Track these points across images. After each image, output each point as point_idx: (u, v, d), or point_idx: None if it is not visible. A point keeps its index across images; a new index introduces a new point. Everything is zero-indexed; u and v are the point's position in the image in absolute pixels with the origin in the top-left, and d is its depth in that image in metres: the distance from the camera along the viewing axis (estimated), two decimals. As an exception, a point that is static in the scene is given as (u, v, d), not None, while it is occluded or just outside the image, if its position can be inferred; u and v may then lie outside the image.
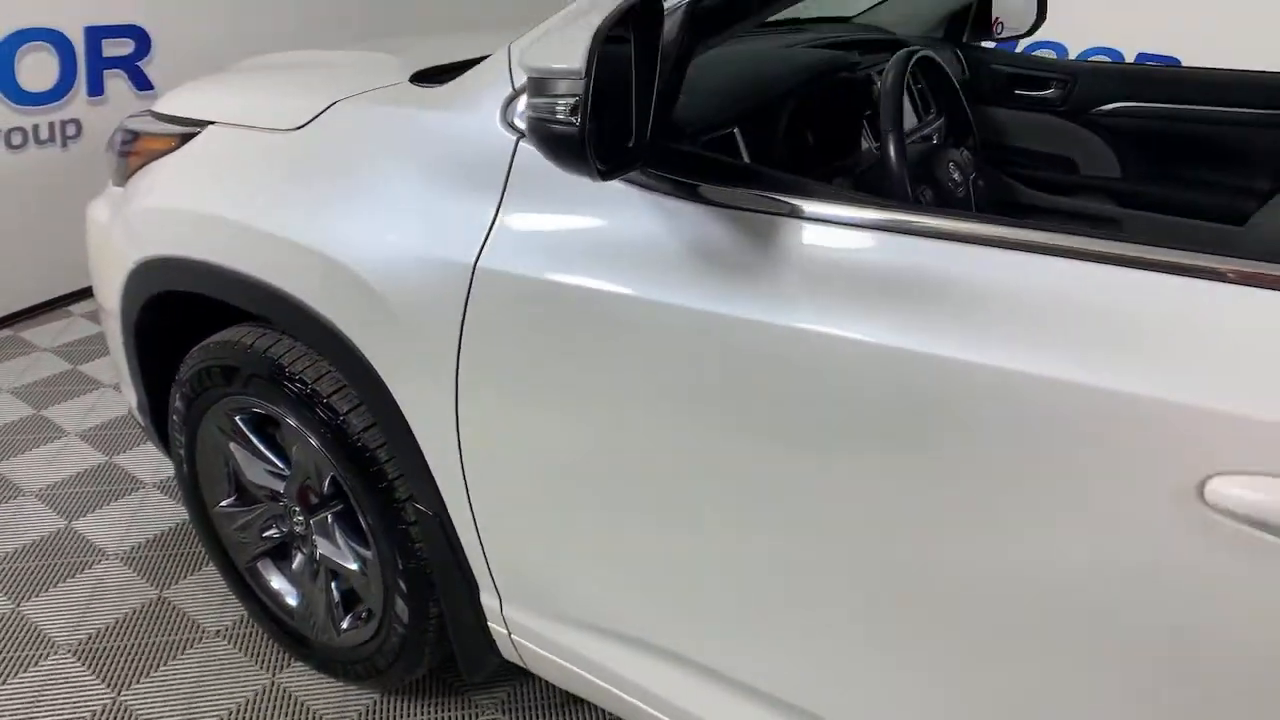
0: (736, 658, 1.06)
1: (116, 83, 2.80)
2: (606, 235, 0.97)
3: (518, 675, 1.55)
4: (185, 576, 1.82)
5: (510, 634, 1.27)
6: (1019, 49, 2.62)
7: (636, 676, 1.16)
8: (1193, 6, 3.35)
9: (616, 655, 1.17)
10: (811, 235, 0.87)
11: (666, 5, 0.89)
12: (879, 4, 2.11)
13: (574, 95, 0.74)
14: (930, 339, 0.79)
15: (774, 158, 1.21)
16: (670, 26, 0.89)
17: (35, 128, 2.66)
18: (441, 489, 1.19)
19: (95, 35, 2.70)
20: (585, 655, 1.20)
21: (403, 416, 1.17)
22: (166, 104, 1.52)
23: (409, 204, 1.10)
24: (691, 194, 0.93)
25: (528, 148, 1.01)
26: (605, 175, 0.80)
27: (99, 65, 2.73)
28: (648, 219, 0.95)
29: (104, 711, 1.51)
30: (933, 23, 2.13)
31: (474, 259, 1.04)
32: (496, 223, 1.04)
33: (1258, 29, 2.96)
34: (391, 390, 1.17)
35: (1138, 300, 0.73)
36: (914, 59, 1.32)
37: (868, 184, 1.33)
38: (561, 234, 1.00)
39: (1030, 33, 2.23)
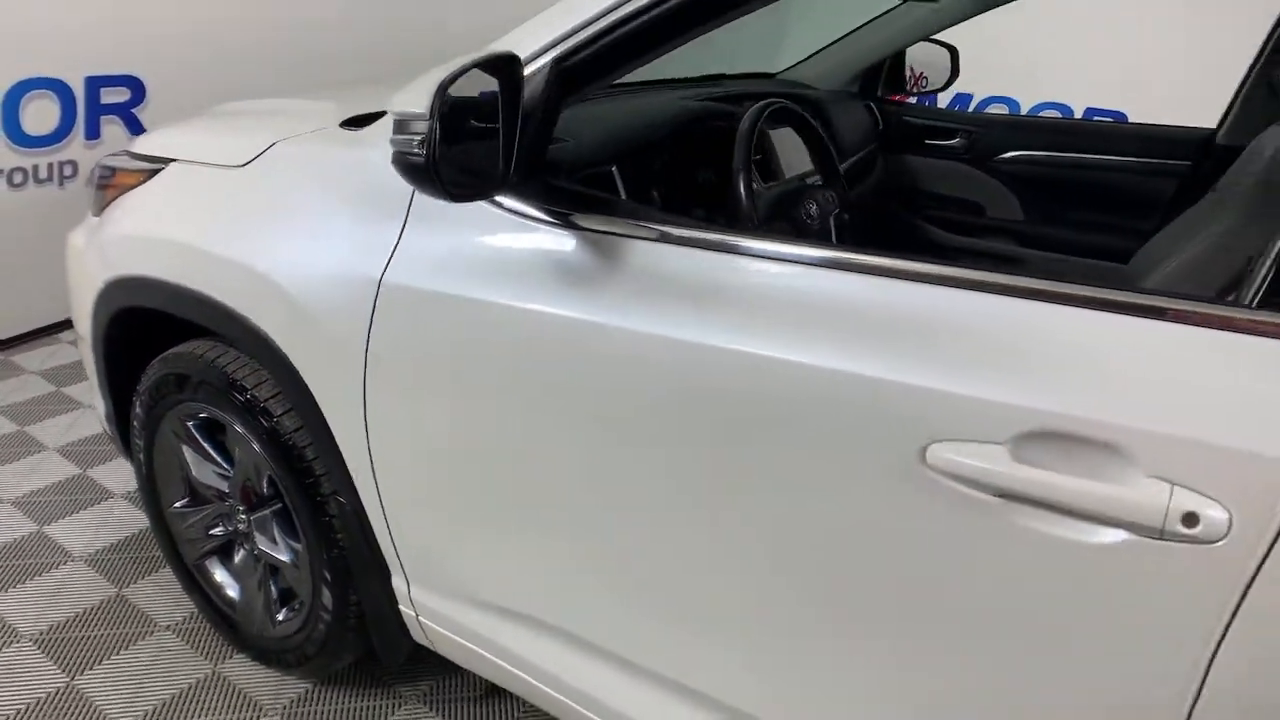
0: (613, 632, 1.19)
1: (112, 127, 3.02)
2: (487, 253, 1.14)
3: (443, 669, 1.67)
4: (143, 577, 1.96)
5: (418, 616, 1.41)
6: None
7: (529, 654, 1.29)
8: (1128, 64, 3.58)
9: (510, 633, 1.31)
10: (650, 252, 1.04)
11: (533, 64, 1.07)
12: (799, 62, 2.32)
13: (422, 134, 0.92)
14: (742, 339, 0.94)
15: (651, 193, 1.39)
16: (536, 82, 1.07)
17: (35, 168, 2.88)
18: (355, 481, 1.34)
19: (95, 84, 2.93)
20: (481, 634, 1.33)
21: (323, 416, 1.33)
22: (139, 144, 1.71)
23: (331, 229, 1.28)
24: (559, 219, 1.10)
25: (426, 181, 1.19)
26: (456, 199, 0.98)
27: (97, 111, 2.95)
28: (520, 239, 1.12)
29: (58, 694, 1.64)
30: (848, 79, 2.34)
31: (380, 274, 1.21)
32: (399, 244, 1.21)
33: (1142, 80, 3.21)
34: (314, 393, 1.33)
35: (858, 297, 0.89)
36: (768, 109, 1.51)
37: (731, 216, 1.51)
38: (450, 252, 1.17)
39: (944, 88, 2.43)
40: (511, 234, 1.12)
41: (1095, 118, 3.65)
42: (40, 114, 2.84)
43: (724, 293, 0.97)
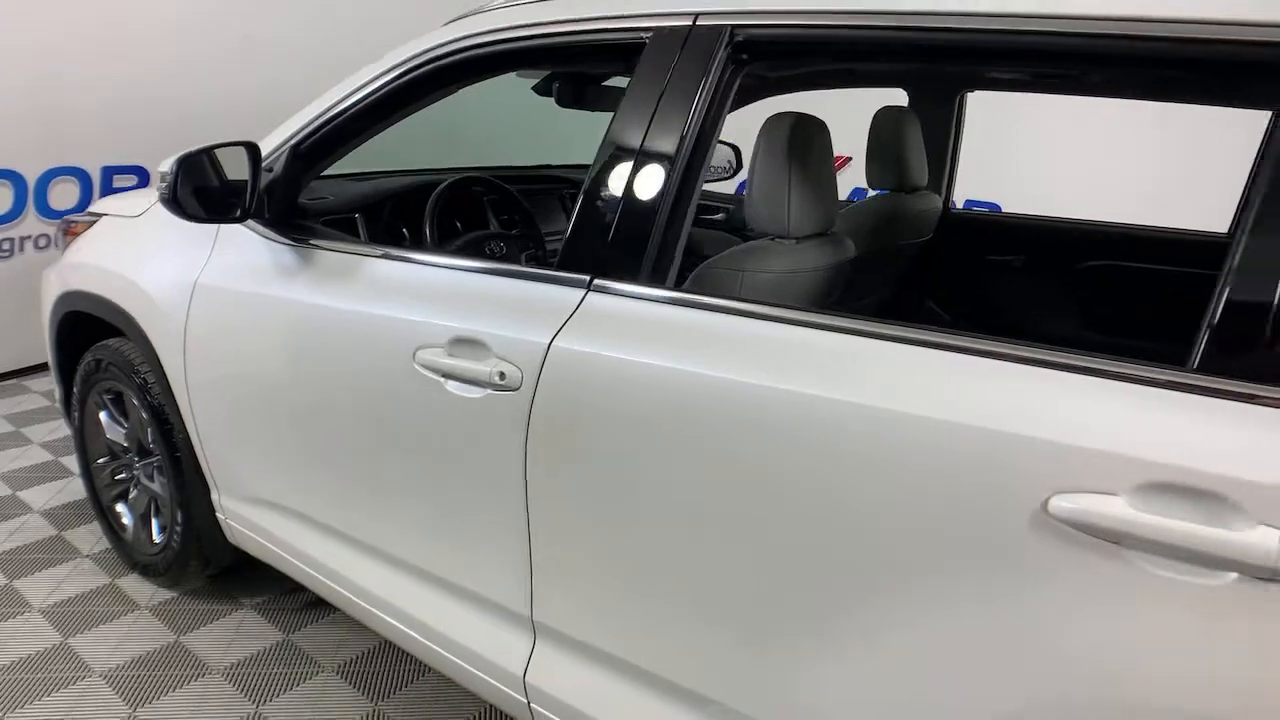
0: (361, 527, 1.78)
1: (121, 204, 3.89)
2: (251, 263, 1.82)
3: (279, 586, 2.28)
4: (40, 571, 2.63)
5: (225, 519, 2.05)
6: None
7: (297, 543, 1.90)
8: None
9: (281, 524, 1.92)
10: (342, 259, 1.70)
11: (271, 147, 1.78)
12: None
13: (169, 182, 1.62)
14: (387, 309, 1.58)
15: (383, 234, 2.09)
16: (281, 158, 1.78)
17: (54, 234, 3.73)
18: (185, 419, 2.01)
19: (109, 172, 3.81)
20: (261, 525, 1.96)
21: (167, 377, 2.01)
22: (94, 206, 2.48)
23: (175, 254, 1.98)
24: (295, 240, 1.78)
25: (228, 219, 1.89)
26: (193, 220, 1.68)
27: (108, 191, 3.82)
28: (269, 254, 1.80)
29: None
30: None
31: (195, 278, 1.90)
32: (209, 259, 1.90)
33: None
34: (163, 363, 2.01)
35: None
36: (453, 181, 2.24)
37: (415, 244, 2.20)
38: (234, 263, 1.86)
39: (730, 178, 3.10)
40: (265, 251, 1.81)
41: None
42: (64, 193, 3.72)
43: (358, 277, 1.63)
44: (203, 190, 1.65)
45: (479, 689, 1.55)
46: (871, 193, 2.18)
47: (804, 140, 1.45)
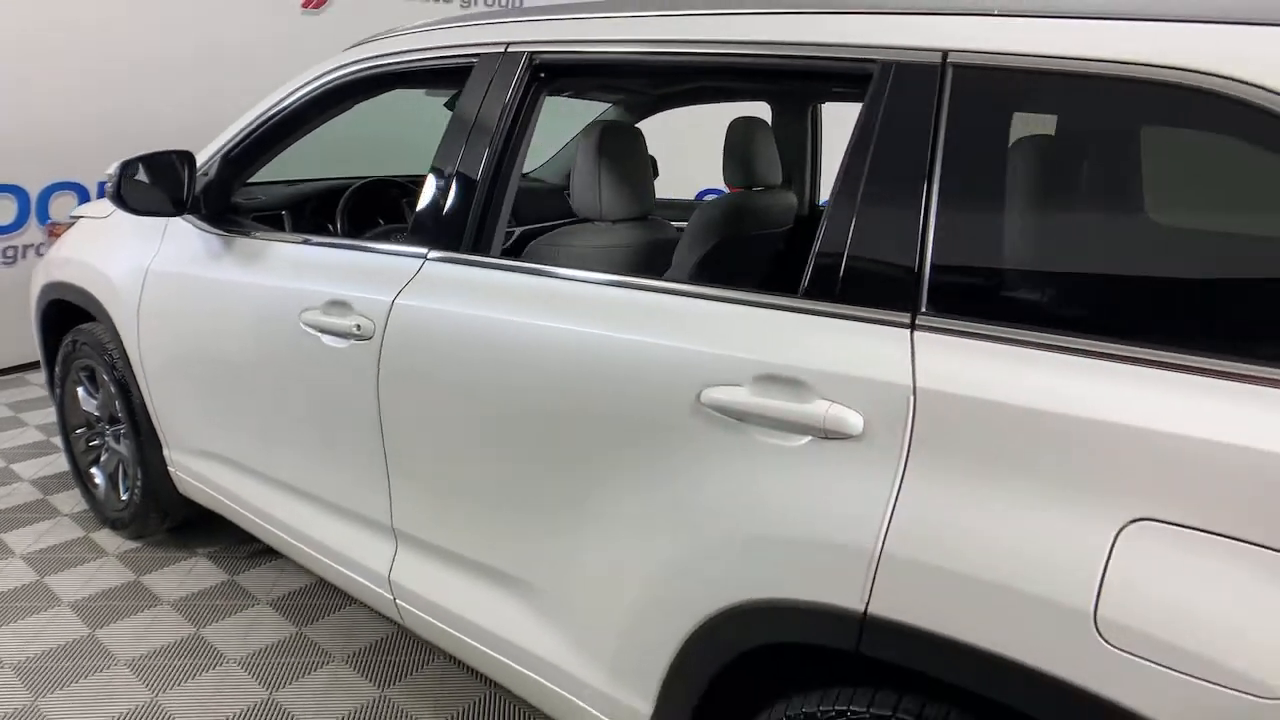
0: (267, 459, 2.14)
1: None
2: (190, 251, 2.19)
3: (233, 537, 2.64)
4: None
5: (175, 471, 2.40)
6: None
7: (224, 482, 2.25)
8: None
9: (216, 470, 2.28)
10: (261, 246, 2.07)
11: (206, 155, 2.15)
12: (545, 163, 3.39)
13: (113, 181, 1.99)
14: (296, 282, 1.94)
15: (306, 227, 2.46)
16: (213, 162, 2.15)
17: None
18: (140, 385, 2.37)
19: (102, 185, 4.22)
20: (201, 473, 2.31)
21: (127, 351, 2.38)
22: (73, 211, 2.86)
23: (132, 246, 2.36)
24: (225, 231, 2.14)
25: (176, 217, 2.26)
26: (135, 213, 2.04)
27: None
28: (203, 243, 2.16)
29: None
30: (562, 174, 3.38)
31: (148, 265, 2.27)
32: (159, 249, 2.27)
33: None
34: (123, 338, 2.38)
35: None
36: (363, 184, 2.61)
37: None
38: (177, 251, 2.22)
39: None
40: (200, 241, 2.17)
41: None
42: (62, 204, 4.13)
43: (269, 259, 1.99)
44: (148, 189, 2.02)
45: (358, 592, 1.89)
46: (728, 191, 2.52)
47: (613, 143, 1.79)
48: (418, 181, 2.88)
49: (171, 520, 2.63)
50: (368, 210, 2.60)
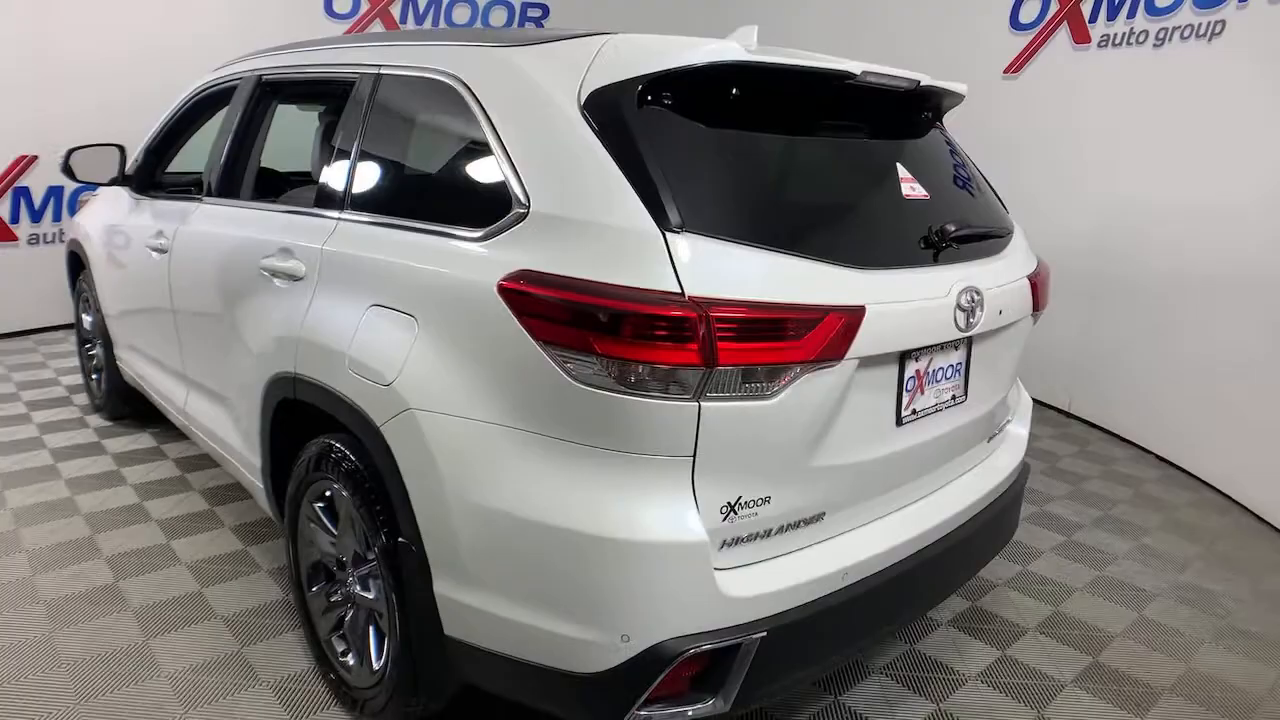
0: (141, 341, 3.21)
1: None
2: (125, 208, 3.31)
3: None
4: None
5: (121, 365, 3.54)
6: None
7: (145, 371, 3.35)
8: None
9: (137, 363, 3.38)
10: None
11: (137, 147, 3.29)
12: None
13: (63, 160, 3.13)
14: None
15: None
16: (141, 151, 3.29)
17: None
18: (101, 303, 3.53)
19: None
20: (132, 363, 3.42)
21: (95, 282, 3.55)
22: (84, 195, 4.11)
23: (112, 209, 3.52)
24: (148, 195, 3.24)
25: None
26: (80, 183, 3.17)
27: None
28: (135, 203, 3.28)
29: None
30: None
31: (104, 222, 3.43)
32: (130, 213, 3.42)
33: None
34: (94, 275, 3.55)
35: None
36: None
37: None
38: (129, 210, 3.34)
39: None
40: (131, 202, 3.30)
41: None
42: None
43: (150, 210, 3.07)
44: (90, 168, 3.17)
45: (176, 421, 2.92)
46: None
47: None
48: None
49: (108, 413, 3.77)
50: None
